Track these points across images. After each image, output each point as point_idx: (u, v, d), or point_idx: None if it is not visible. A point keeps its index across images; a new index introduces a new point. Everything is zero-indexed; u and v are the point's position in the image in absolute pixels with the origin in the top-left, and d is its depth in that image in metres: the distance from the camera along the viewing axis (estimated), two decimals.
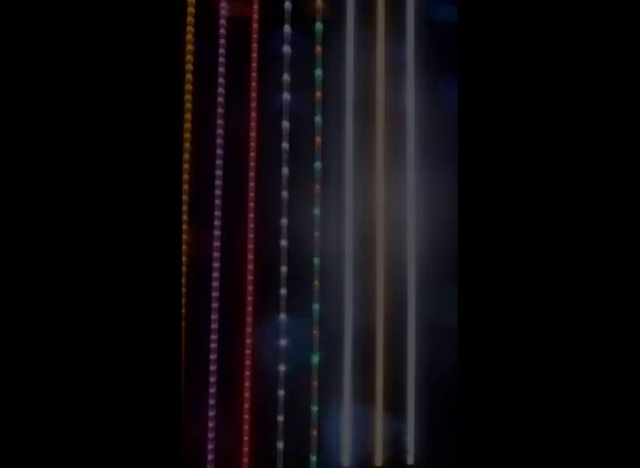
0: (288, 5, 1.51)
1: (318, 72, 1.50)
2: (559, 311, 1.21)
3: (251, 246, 1.46)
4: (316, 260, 1.46)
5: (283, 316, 1.44)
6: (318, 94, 1.50)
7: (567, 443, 1.18)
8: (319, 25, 1.51)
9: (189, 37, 1.47)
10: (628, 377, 1.17)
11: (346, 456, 1.46)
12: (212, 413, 1.39)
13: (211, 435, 1.38)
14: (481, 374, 1.24)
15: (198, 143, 1.46)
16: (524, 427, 1.20)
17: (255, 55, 1.52)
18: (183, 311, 1.40)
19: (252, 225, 1.47)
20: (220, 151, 1.46)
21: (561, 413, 1.19)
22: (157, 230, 1.18)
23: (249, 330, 1.44)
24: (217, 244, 1.43)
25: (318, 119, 1.49)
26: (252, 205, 1.47)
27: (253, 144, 1.49)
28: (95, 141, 1.17)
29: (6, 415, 1.09)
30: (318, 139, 1.49)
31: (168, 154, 1.21)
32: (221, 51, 1.48)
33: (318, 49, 1.50)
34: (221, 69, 1.48)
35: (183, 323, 1.40)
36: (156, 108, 1.20)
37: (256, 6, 1.53)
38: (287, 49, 1.50)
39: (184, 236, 1.41)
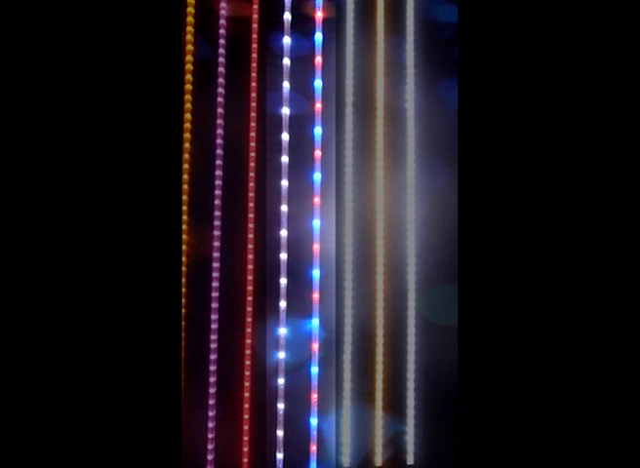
0: (288, 5, 1.51)
1: (318, 72, 1.50)
2: (558, 310, 1.21)
3: (251, 246, 1.46)
4: (316, 260, 1.46)
5: (283, 316, 1.44)
6: (318, 94, 1.50)
7: (566, 441, 1.18)
8: (319, 26, 1.50)
9: (189, 37, 1.47)
10: (627, 373, 1.17)
11: (346, 456, 1.47)
12: (212, 413, 1.39)
13: (211, 435, 1.38)
14: (481, 374, 1.24)
15: (198, 143, 1.46)
16: (523, 426, 1.20)
17: (255, 55, 1.52)
18: (183, 311, 1.40)
19: (252, 225, 1.47)
20: (219, 151, 1.46)
21: (560, 412, 1.19)
22: (157, 230, 1.18)
23: (249, 330, 1.44)
24: (217, 244, 1.43)
25: (318, 118, 1.49)
26: (252, 205, 1.47)
27: (253, 145, 1.49)
28: (95, 142, 1.17)
29: (6, 415, 1.09)
30: (318, 139, 1.49)
31: (168, 154, 1.21)
32: (221, 51, 1.48)
33: (318, 49, 1.50)
34: (221, 69, 1.48)
35: (183, 323, 1.40)
36: (156, 108, 1.20)
37: (256, 6, 1.53)
38: (287, 49, 1.50)
39: (184, 236, 1.41)
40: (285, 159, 1.46)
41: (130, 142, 1.18)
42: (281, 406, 1.41)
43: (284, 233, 1.45)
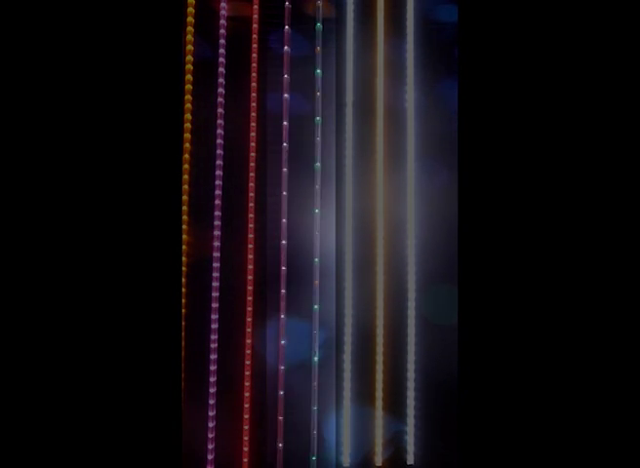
0: (288, 5, 1.51)
1: (318, 72, 1.50)
2: (558, 309, 1.21)
3: (251, 246, 1.46)
4: (316, 260, 1.46)
5: (283, 316, 1.44)
6: (318, 94, 1.50)
7: (566, 440, 1.18)
8: (319, 26, 1.51)
9: (189, 37, 1.47)
10: (626, 373, 1.17)
11: (346, 456, 1.47)
12: (212, 413, 1.39)
13: (211, 435, 1.38)
14: (480, 374, 1.24)
15: (198, 143, 1.46)
16: (523, 426, 1.20)
17: (255, 55, 1.52)
18: (183, 311, 1.40)
19: (252, 225, 1.47)
20: (220, 151, 1.46)
21: (560, 412, 1.19)
22: (157, 230, 1.18)
23: (249, 330, 1.44)
24: (217, 244, 1.43)
25: (318, 119, 1.49)
26: (252, 205, 1.47)
27: (253, 144, 1.49)
28: (95, 142, 1.16)
29: (7, 415, 1.09)
30: (318, 139, 1.49)
31: (168, 154, 1.21)
32: (221, 51, 1.48)
33: (318, 49, 1.50)
34: (221, 69, 1.48)
35: (183, 323, 1.40)
36: (156, 108, 1.20)
37: (256, 6, 1.53)
38: (287, 49, 1.50)
39: (184, 236, 1.41)
40: (285, 159, 1.46)
41: (130, 142, 1.18)
42: (281, 406, 1.41)
43: (284, 232, 1.45)
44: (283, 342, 1.44)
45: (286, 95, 1.49)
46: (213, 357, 1.40)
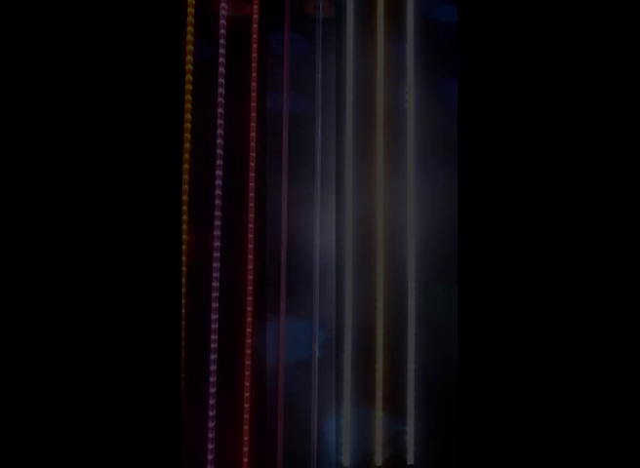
0: (288, 5, 1.51)
1: (318, 73, 1.50)
2: (558, 309, 1.21)
3: (251, 246, 1.46)
4: (316, 260, 1.46)
5: (283, 316, 1.44)
6: (318, 94, 1.50)
7: (566, 440, 1.18)
8: (319, 25, 1.51)
9: (189, 37, 1.47)
10: (626, 373, 1.17)
11: (346, 456, 1.47)
12: (212, 413, 1.39)
13: (211, 435, 1.38)
14: (480, 374, 1.24)
15: (198, 143, 1.46)
16: (523, 426, 1.20)
17: (255, 55, 1.52)
18: (183, 311, 1.40)
19: (252, 225, 1.47)
20: (219, 151, 1.46)
21: (560, 412, 1.19)
22: (157, 230, 1.18)
23: (249, 330, 1.44)
24: (217, 244, 1.43)
25: (318, 120, 1.49)
26: (252, 205, 1.47)
27: (253, 144, 1.49)
28: (95, 142, 1.16)
29: (6, 415, 1.09)
30: (318, 140, 1.49)
31: (168, 154, 1.21)
32: (221, 51, 1.48)
33: (318, 49, 1.50)
34: (221, 69, 1.48)
35: (183, 323, 1.40)
36: (156, 108, 1.20)
37: (256, 6, 1.53)
38: (287, 49, 1.50)
39: (184, 236, 1.41)
40: (285, 159, 1.46)
41: (130, 142, 1.18)
42: (281, 406, 1.41)
43: (284, 232, 1.45)
44: (283, 342, 1.44)
45: (286, 94, 1.48)
46: (213, 357, 1.40)
